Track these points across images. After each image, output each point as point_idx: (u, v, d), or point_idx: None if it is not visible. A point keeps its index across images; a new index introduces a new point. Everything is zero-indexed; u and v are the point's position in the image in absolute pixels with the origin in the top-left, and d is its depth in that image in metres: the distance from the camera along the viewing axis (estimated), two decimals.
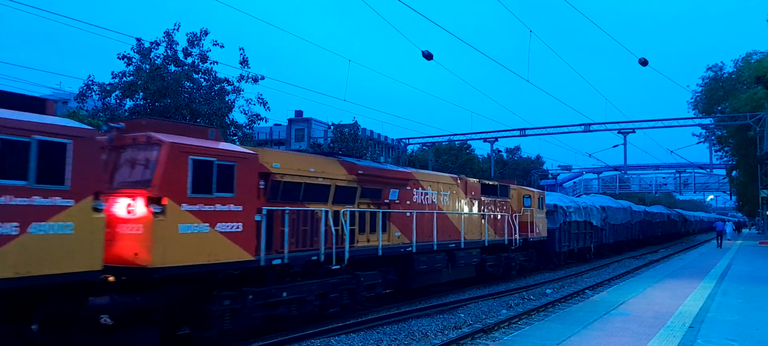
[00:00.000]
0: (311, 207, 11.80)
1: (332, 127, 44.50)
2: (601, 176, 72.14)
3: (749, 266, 22.77)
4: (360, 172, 13.44)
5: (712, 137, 49.62)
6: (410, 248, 15.08)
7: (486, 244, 19.10)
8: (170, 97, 21.71)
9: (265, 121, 24.57)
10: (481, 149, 66.49)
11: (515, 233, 20.94)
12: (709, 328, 9.83)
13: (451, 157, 57.62)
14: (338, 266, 12.25)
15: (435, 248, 16.11)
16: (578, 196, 61.46)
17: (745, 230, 74.83)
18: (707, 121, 46.27)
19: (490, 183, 20.77)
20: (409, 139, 52.80)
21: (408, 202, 15.33)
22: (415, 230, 15.17)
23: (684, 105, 61.10)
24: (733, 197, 67.92)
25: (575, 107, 78.68)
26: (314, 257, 11.69)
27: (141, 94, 21.90)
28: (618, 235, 36.49)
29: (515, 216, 21.19)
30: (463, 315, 13.98)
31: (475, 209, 18.89)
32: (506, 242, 20.49)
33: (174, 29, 22.37)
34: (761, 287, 15.70)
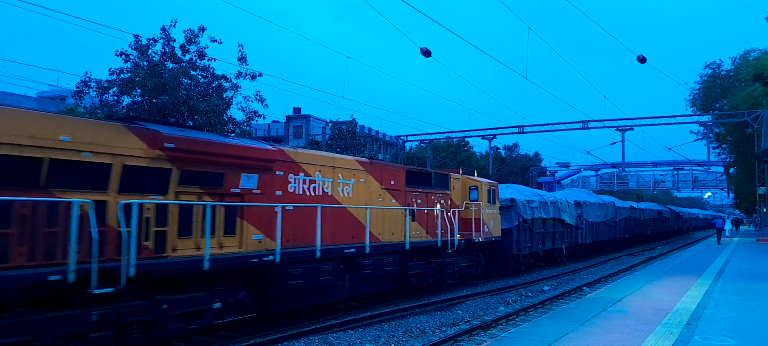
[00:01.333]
0: (64, 197, 7.71)
1: (330, 124, 44.51)
2: (599, 173, 72.21)
3: (747, 263, 22.81)
4: (171, 145, 9.18)
5: (710, 135, 49.75)
6: (271, 257, 10.72)
7: (407, 247, 14.82)
8: (168, 94, 21.69)
9: (263, 118, 24.58)
10: (479, 146, 66.73)
11: (454, 233, 16.69)
12: (707, 325, 9.84)
13: (449, 154, 57.68)
14: (111, 289, 8.01)
15: (318, 254, 11.78)
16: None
17: (742, 227, 74.96)
18: (705, 118, 46.37)
19: (420, 170, 16.88)
20: (407, 136, 52.84)
21: (279, 192, 11.33)
22: (279, 230, 10.87)
23: (682, 102, 61.18)
24: (731, 195, 68.05)
25: (573, 104, 79.02)
26: (54, 277, 7.41)
27: (138, 90, 21.87)
28: (598, 234, 32.48)
29: (454, 212, 17.08)
30: (461, 312, 13.99)
31: (395, 203, 14.88)
32: (439, 244, 16.18)
33: (171, 26, 22.34)
34: (759, 284, 15.72)
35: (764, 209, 44.95)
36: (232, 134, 24.01)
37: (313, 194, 12.23)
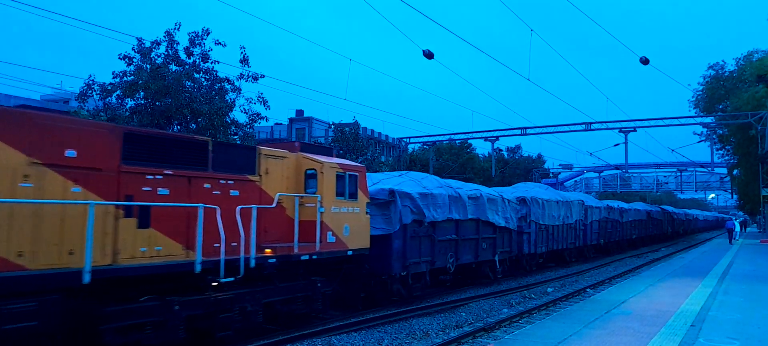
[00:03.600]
0: None
1: (333, 126, 44.54)
2: (602, 174, 72.16)
3: (751, 264, 22.74)
4: None
5: (714, 136, 49.59)
6: None
7: (86, 280, 7.61)
8: (171, 97, 21.74)
9: (266, 120, 24.61)
10: (482, 148, 66.53)
11: (251, 246, 9.98)
12: (711, 327, 9.81)
13: (452, 156, 57.64)
14: None
15: None
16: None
17: (747, 229, 74.83)
18: (708, 120, 46.23)
19: (164, 136, 9.86)
20: (409, 138, 52.80)
21: None
22: None
23: (685, 104, 61.20)
24: (734, 196, 67.89)
25: (576, 106, 78.73)
26: None
27: (142, 93, 21.93)
28: (555, 241, 25.31)
29: (253, 210, 10.20)
30: (464, 314, 13.98)
31: (83, 193, 8.04)
32: (198, 270, 9.14)
33: (175, 29, 22.40)
34: (763, 285, 15.68)
35: None
36: (235, 137, 24.11)
37: None
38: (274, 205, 10.85)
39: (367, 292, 14.40)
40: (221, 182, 10.10)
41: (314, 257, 11.54)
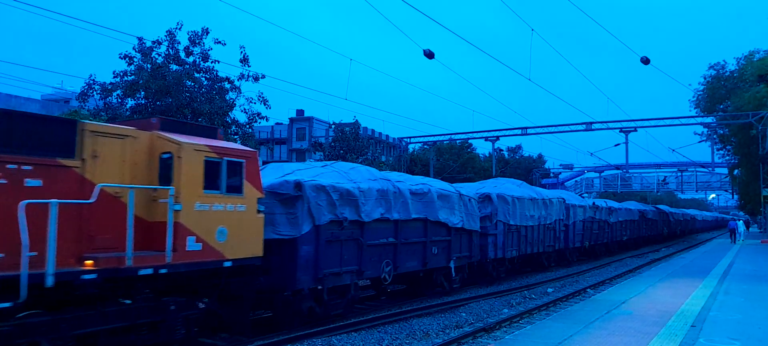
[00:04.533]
0: None
1: (333, 126, 44.56)
2: (602, 174, 72.12)
3: (751, 264, 22.73)
4: None
5: (714, 136, 49.58)
6: None
7: None
8: (172, 96, 21.77)
9: (266, 120, 24.64)
10: (482, 148, 66.59)
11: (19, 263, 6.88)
12: (712, 327, 9.80)
13: (452, 156, 57.64)
14: None
15: None
16: (580, 196, 61.24)
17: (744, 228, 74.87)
18: (709, 119, 46.21)
19: None
20: (410, 138, 52.81)
21: None
22: None
23: (686, 104, 61.23)
24: (735, 196, 67.83)
25: (577, 106, 78.86)
26: None
27: (142, 93, 21.97)
28: (529, 243, 22.38)
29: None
30: (464, 314, 13.97)
31: None
32: None
33: (176, 28, 22.44)
34: (764, 286, 15.66)
35: None
36: (235, 136, 24.13)
37: None
38: (92, 199, 7.72)
39: (270, 311, 12.03)
40: (10, 166, 7.26)
41: (163, 271, 8.49)
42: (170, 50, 22.46)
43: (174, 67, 22.39)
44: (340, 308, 12.84)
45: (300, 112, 68.08)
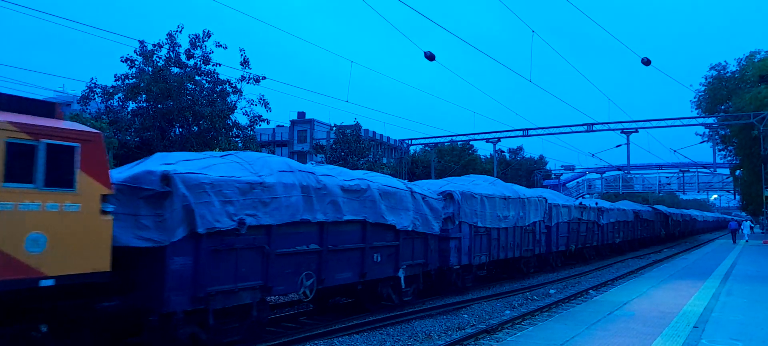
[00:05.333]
0: None
1: (334, 128, 44.60)
2: (604, 175, 72.11)
3: (754, 265, 22.69)
4: None
5: (716, 137, 49.56)
6: None
7: None
8: (173, 99, 21.79)
9: (267, 122, 24.67)
10: (483, 150, 66.62)
11: None
12: (714, 328, 9.79)
13: (453, 158, 57.65)
14: None
15: None
16: (581, 196, 61.09)
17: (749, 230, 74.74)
18: (711, 120, 46.20)
19: None
20: (411, 140, 52.81)
21: None
22: None
23: (687, 104, 61.19)
24: (737, 197, 67.76)
25: (578, 107, 78.80)
26: None
27: (144, 96, 22.00)
28: (502, 248, 19.83)
29: None
30: (466, 316, 13.95)
31: None
32: None
33: (177, 31, 22.47)
34: (766, 287, 15.64)
35: None
36: (237, 139, 24.14)
37: None
38: None
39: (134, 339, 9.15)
40: None
41: None
42: (171, 53, 22.50)
43: (175, 70, 22.42)
44: (240, 333, 10.03)
45: (301, 114, 68.16)
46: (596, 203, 32.44)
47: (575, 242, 27.68)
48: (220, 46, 22.88)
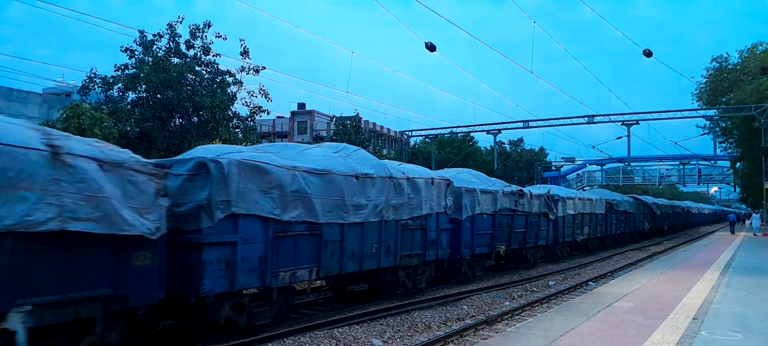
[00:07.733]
0: None
1: (335, 119, 44.56)
2: (604, 167, 72.02)
3: (753, 257, 22.73)
4: None
5: (717, 129, 49.46)
6: None
7: None
8: (173, 90, 21.74)
9: (268, 113, 24.65)
10: (484, 142, 66.51)
11: None
12: (713, 319, 9.80)
13: (454, 149, 57.60)
14: None
15: None
16: (581, 189, 61.02)
17: (747, 222, 74.82)
18: (711, 112, 46.09)
19: None
20: (412, 131, 52.73)
21: None
22: None
23: (688, 96, 61.02)
24: (737, 189, 67.74)
25: (579, 99, 78.69)
26: None
27: (143, 86, 21.94)
28: (335, 256, 11.84)
29: None
30: (466, 307, 13.97)
31: None
32: None
33: (177, 21, 22.40)
34: (765, 278, 15.65)
35: None
36: (237, 130, 24.10)
37: None
38: None
39: None
40: None
41: None
42: (171, 44, 22.42)
43: (175, 60, 22.36)
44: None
45: (301, 105, 68.06)
46: (546, 190, 24.60)
47: (507, 241, 19.69)
48: (220, 36, 22.82)
